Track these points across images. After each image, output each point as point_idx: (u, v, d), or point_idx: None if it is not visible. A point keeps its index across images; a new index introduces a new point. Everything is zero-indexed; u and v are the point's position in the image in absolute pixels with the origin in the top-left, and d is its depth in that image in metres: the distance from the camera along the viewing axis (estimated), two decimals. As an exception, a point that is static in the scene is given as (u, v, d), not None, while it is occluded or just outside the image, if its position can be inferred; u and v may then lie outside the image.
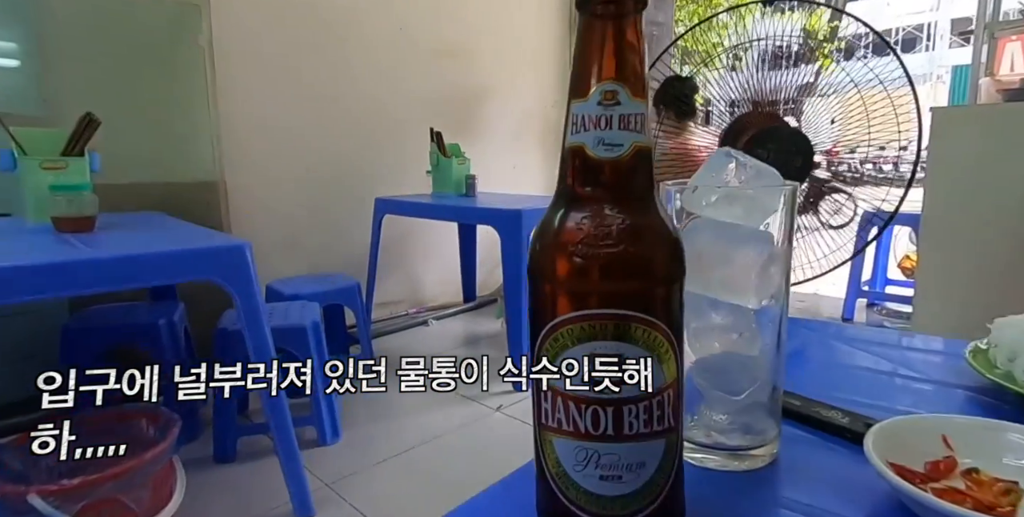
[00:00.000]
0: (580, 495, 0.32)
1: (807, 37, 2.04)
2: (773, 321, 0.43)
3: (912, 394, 0.59)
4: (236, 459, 1.67)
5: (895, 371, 0.63)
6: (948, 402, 0.56)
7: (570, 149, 0.32)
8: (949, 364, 0.63)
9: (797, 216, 1.64)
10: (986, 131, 2.05)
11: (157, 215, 1.93)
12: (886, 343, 0.72)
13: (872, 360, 0.66)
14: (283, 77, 2.57)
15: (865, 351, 0.69)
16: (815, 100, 1.90)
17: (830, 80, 1.82)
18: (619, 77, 0.30)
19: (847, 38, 1.86)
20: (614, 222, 0.30)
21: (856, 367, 0.65)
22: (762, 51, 1.94)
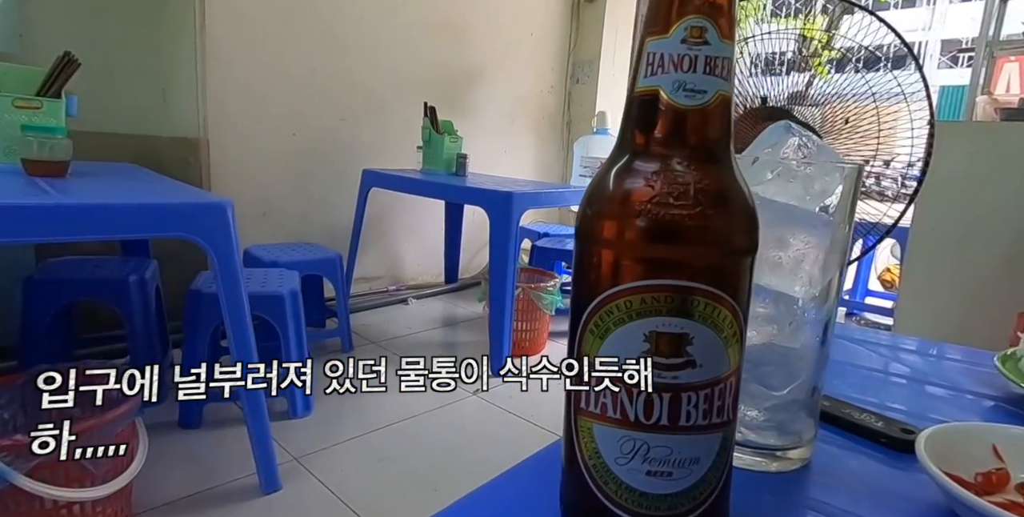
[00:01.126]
0: (621, 491, 0.28)
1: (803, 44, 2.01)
2: (821, 314, 0.39)
3: (933, 400, 0.56)
4: (202, 426, 1.61)
5: (917, 377, 0.61)
6: (971, 410, 0.53)
7: (641, 93, 0.27)
8: (973, 373, 0.61)
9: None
10: (981, 148, 2.06)
11: (134, 167, 1.84)
12: (904, 348, 0.70)
13: (891, 364, 0.64)
14: (274, 41, 2.48)
15: (881, 355, 0.66)
16: (805, 109, 1.87)
17: (821, 90, 1.80)
18: (709, 12, 0.26)
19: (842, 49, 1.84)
20: (690, 180, 0.26)
21: (877, 370, 0.62)
22: (754, 55, 1.91)
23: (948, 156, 2.08)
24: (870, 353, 0.67)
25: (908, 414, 0.50)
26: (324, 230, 2.73)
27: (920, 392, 0.58)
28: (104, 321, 1.87)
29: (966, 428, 0.40)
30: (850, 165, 0.38)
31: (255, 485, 1.37)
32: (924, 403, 0.55)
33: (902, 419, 0.45)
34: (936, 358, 0.67)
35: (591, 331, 0.27)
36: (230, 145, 2.38)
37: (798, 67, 1.91)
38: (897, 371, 0.62)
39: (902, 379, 0.60)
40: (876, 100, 1.58)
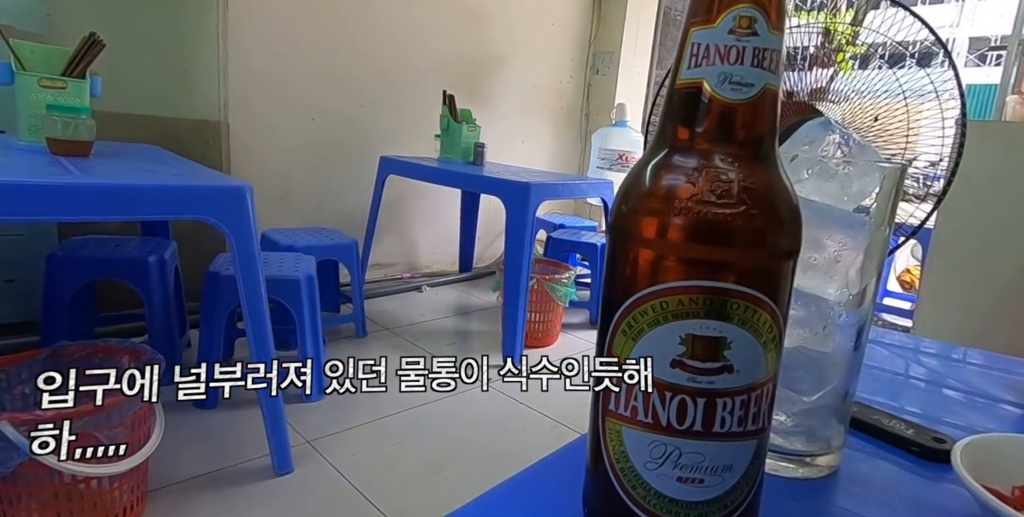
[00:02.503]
0: (649, 497, 0.27)
1: (826, 39, 1.96)
2: (855, 318, 0.38)
3: (964, 407, 0.55)
4: (218, 406, 1.63)
5: (944, 383, 0.59)
6: (1007, 420, 0.52)
7: (683, 85, 0.26)
8: (1005, 380, 0.59)
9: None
10: (1011, 149, 2.00)
11: (156, 149, 1.85)
12: (933, 353, 0.68)
13: (918, 369, 0.62)
14: (295, 26, 2.47)
15: (913, 361, 0.65)
16: (825, 105, 1.83)
17: (840, 87, 1.75)
18: (760, 1, 0.25)
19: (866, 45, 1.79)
20: (735, 178, 0.25)
21: (902, 374, 0.61)
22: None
23: (975, 157, 2.02)
24: (894, 356, 0.66)
25: (937, 421, 0.49)
26: (341, 216, 2.73)
27: (948, 399, 0.56)
28: (124, 300, 1.89)
29: (1004, 439, 0.39)
30: (892, 165, 0.36)
31: (268, 466, 1.38)
32: (953, 410, 0.54)
33: (930, 426, 0.44)
34: (963, 363, 0.65)
35: (623, 332, 0.26)
36: (250, 128, 2.39)
37: (820, 62, 1.87)
38: (923, 376, 0.60)
39: (929, 384, 0.59)
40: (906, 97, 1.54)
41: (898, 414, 0.46)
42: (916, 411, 0.50)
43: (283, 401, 1.35)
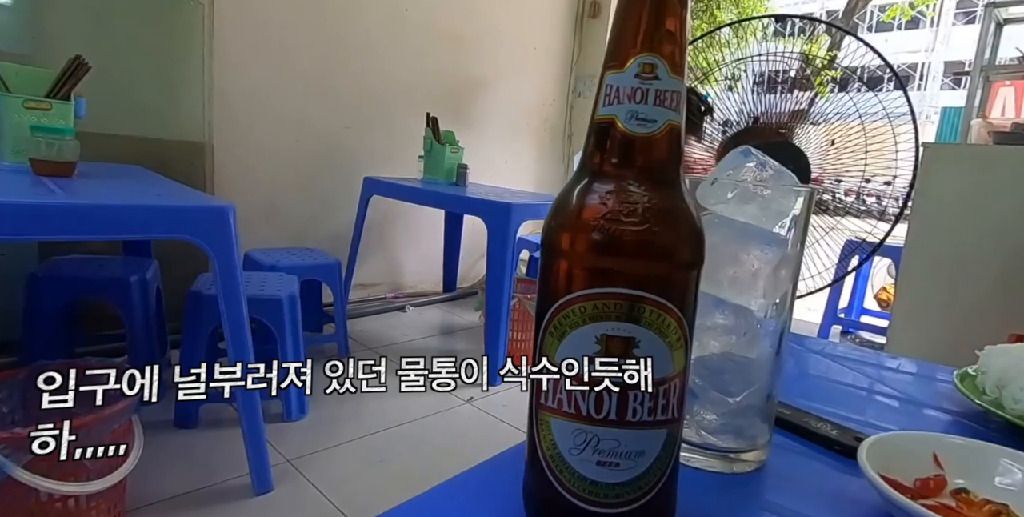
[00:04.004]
0: (574, 480, 0.30)
1: (805, 63, 2.05)
2: (775, 326, 0.42)
3: (896, 413, 0.59)
4: (197, 426, 1.63)
5: (879, 389, 0.63)
6: (932, 424, 0.56)
7: (599, 121, 0.30)
8: (932, 387, 0.64)
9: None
10: (974, 170, 2.09)
11: (139, 169, 1.88)
12: (869, 362, 0.72)
13: (855, 377, 0.66)
14: (280, 47, 2.53)
15: (849, 368, 0.69)
16: (807, 127, 1.91)
17: (824, 108, 1.83)
18: (659, 51, 0.29)
19: (845, 69, 1.87)
20: (640, 200, 0.29)
21: (840, 382, 0.65)
22: (757, 73, 1.95)
23: (943, 178, 2.12)
24: (843, 368, 0.70)
25: (869, 425, 0.52)
26: (325, 236, 2.76)
27: (879, 403, 0.60)
28: (105, 319, 1.89)
29: (908, 437, 0.42)
30: (804, 188, 0.41)
31: (247, 485, 1.39)
32: (881, 413, 0.58)
33: (858, 428, 0.48)
34: (897, 372, 0.69)
35: (550, 333, 0.30)
36: (235, 149, 2.42)
37: (800, 86, 1.93)
38: (859, 383, 0.64)
39: (864, 391, 0.63)
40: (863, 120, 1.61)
41: (829, 417, 0.50)
42: (847, 415, 0.54)
43: (263, 419, 1.36)
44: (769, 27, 1.97)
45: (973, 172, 2.09)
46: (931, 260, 2.16)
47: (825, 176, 1.96)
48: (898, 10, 12.93)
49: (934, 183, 2.12)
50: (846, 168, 1.59)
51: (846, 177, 1.85)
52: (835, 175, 1.89)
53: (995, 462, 0.39)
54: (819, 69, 2.08)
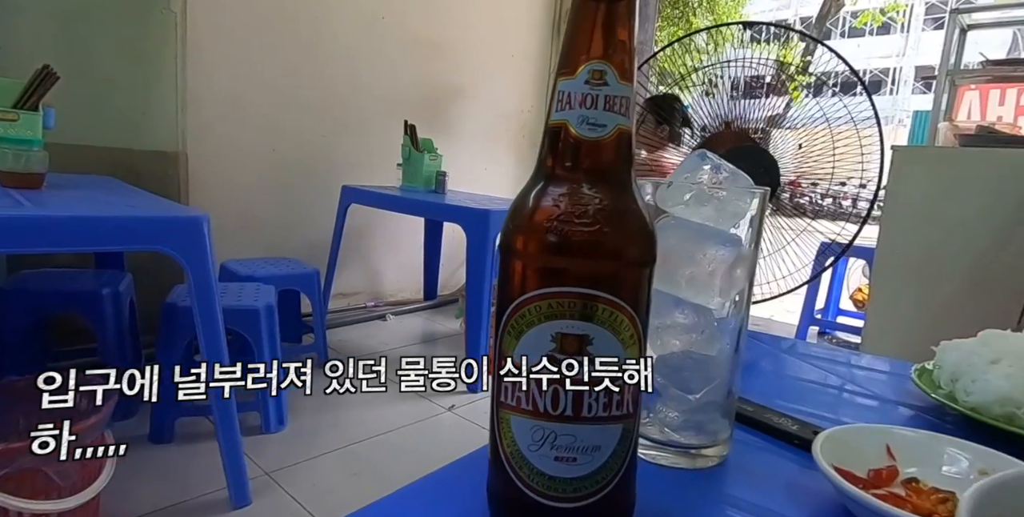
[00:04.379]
0: (533, 476, 0.31)
1: (780, 69, 2.10)
2: (733, 324, 0.43)
3: (860, 409, 0.60)
4: (173, 440, 1.61)
5: (844, 386, 0.65)
6: (893, 418, 0.57)
7: (553, 126, 0.31)
8: (896, 383, 0.65)
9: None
10: (941, 172, 2.15)
11: (111, 180, 1.85)
12: (836, 360, 0.74)
13: (824, 375, 0.68)
14: (255, 55, 2.52)
15: (816, 366, 0.71)
16: (783, 132, 1.95)
17: (797, 114, 1.87)
18: (608, 58, 0.30)
19: (819, 75, 1.92)
20: (591, 202, 0.30)
21: (807, 380, 0.66)
22: (734, 78, 1.99)
23: (911, 180, 2.17)
24: (810, 367, 0.71)
25: (831, 421, 0.54)
26: (303, 245, 2.74)
27: (848, 402, 0.62)
28: (76, 334, 1.86)
29: (863, 429, 0.44)
30: (758, 189, 0.42)
31: (225, 499, 1.37)
32: (850, 411, 0.59)
33: (819, 423, 0.49)
34: (869, 370, 0.71)
35: (508, 332, 0.31)
36: (210, 159, 2.40)
37: (776, 91, 1.97)
38: (830, 383, 0.66)
39: (833, 390, 0.64)
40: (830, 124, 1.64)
41: (793, 414, 0.51)
42: (812, 411, 0.55)
43: (241, 431, 1.35)
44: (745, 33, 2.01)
45: (940, 174, 2.14)
46: (902, 260, 2.21)
47: (802, 180, 2.00)
48: (869, 16, 13.28)
49: (904, 185, 2.18)
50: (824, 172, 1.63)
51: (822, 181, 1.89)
52: (812, 179, 1.93)
53: (943, 452, 0.41)
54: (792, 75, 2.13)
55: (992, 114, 3.14)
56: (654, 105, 2.05)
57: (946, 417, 0.56)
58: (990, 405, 0.49)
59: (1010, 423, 0.48)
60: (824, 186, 2.01)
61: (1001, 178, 2.03)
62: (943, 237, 2.12)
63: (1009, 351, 0.54)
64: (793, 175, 1.97)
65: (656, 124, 2.02)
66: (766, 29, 2.06)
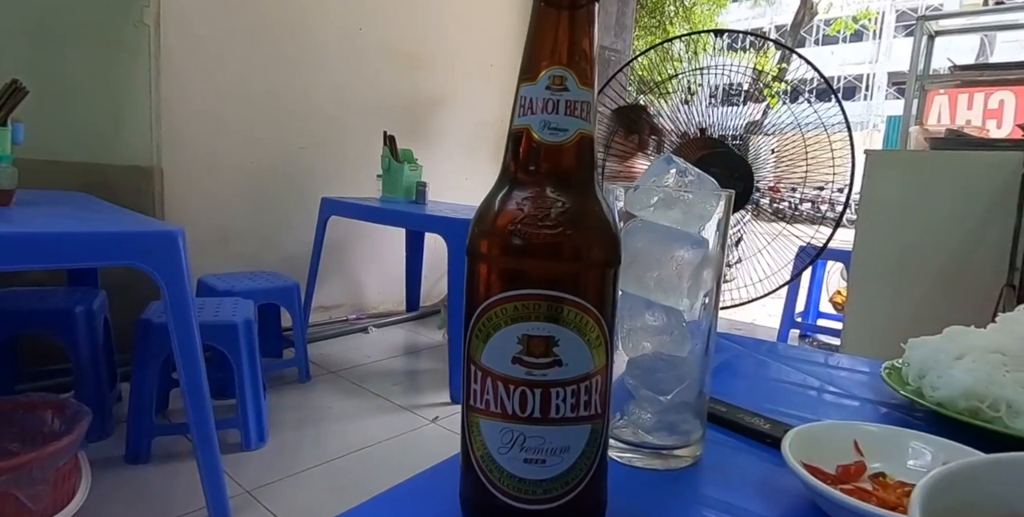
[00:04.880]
0: (504, 478, 0.31)
1: (757, 77, 2.14)
2: (703, 326, 0.44)
3: (832, 407, 0.61)
4: (150, 460, 1.57)
5: (818, 386, 0.66)
6: (865, 415, 0.58)
7: (515, 131, 0.32)
8: (868, 381, 0.66)
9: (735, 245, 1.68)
10: (913, 175, 2.20)
11: (84, 195, 1.83)
12: (811, 361, 0.75)
13: (797, 376, 0.69)
14: (231, 67, 2.51)
15: (791, 367, 0.72)
16: (760, 138, 1.99)
17: (775, 120, 1.92)
18: (569, 64, 0.31)
19: (794, 82, 1.97)
20: (554, 205, 0.30)
21: (782, 381, 0.67)
22: (713, 86, 2.03)
23: (885, 182, 2.22)
24: (786, 368, 0.72)
25: (804, 419, 0.54)
26: (283, 258, 2.72)
27: (821, 401, 0.63)
28: (49, 354, 1.82)
29: (830, 426, 0.45)
30: (723, 192, 0.43)
31: (203, 519, 1.34)
32: (822, 409, 0.60)
33: (790, 421, 0.50)
34: (842, 370, 0.72)
35: (476, 335, 0.31)
36: (186, 173, 2.38)
37: (753, 98, 2.02)
38: (804, 383, 0.67)
39: (807, 389, 0.65)
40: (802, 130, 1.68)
41: (766, 413, 0.52)
42: (785, 410, 0.56)
43: (220, 450, 1.32)
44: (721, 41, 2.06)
45: (913, 177, 2.20)
46: (878, 262, 2.26)
47: (781, 185, 2.04)
48: (842, 24, 13.62)
49: (878, 188, 2.23)
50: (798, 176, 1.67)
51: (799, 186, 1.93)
52: (790, 184, 1.98)
53: (908, 446, 0.42)
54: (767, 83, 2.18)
55: (961, 118, 3.22)
56: (622, 116, 2.08)
57: (915, 413, 0.57)
58: (955, 400, 0.50)
59: (974, 417, 0.49)
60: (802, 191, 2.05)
61: (971, 180, 2.08)
62: (917, 238, 2.17)
63: (973, 346, 0.55)
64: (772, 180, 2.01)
65: (626, 135, 2.04)
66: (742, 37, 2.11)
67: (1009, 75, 2.93)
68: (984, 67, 3.26)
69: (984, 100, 3.21)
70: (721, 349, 0.75)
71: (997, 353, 0.54)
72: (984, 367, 0.52)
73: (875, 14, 16.24)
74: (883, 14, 17.78)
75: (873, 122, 17.31)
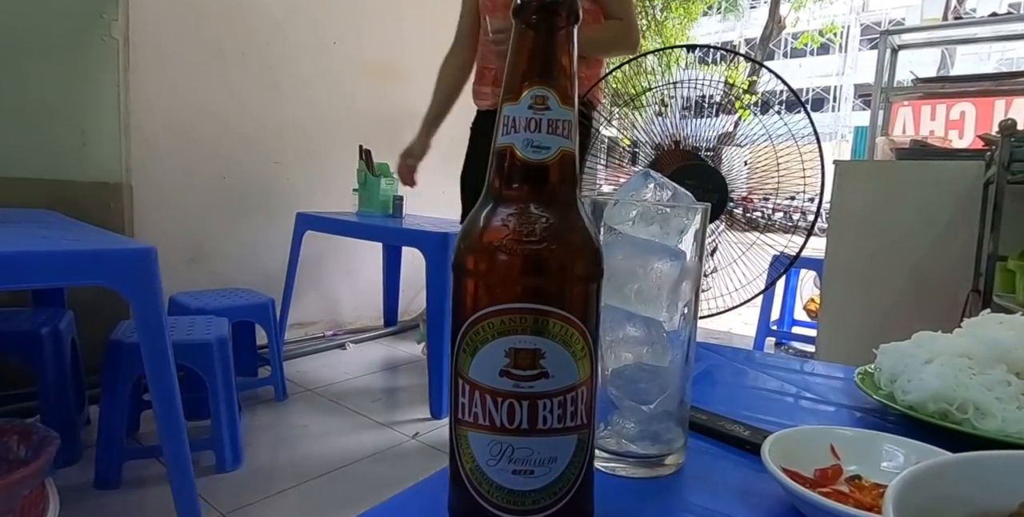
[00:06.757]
0: (492, 490, 0.31)
1: (728, 90, 2.20)
2: (683, 336, 0.45)
3: (809, 413, 0.63)
4: (120, 485, 1.52)
5: (795, 393, 0.67)
6: (840, 420, 0.60)
7: (500, 149, 0.33)
8: (842, 387, 0.68)
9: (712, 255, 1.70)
10: (880, 184, 2.27)
11: (50, 213, 1.78)
12: (787, 368, 0.77)
13: (775, 383, 0.70)
14: (202, 82, 2.49)
15: (768, 374, 0.73)
16: (732, 149, 2.04)
17: (746, 131, 1.96)
18: (550, 84, 0.32)
19: (764, 94, 2.02)
20: (538, 221, 0.31)
21: (760, 388, 0.69)
22: (685, 98, 2.07)
23: (854, 192, 2.29)
24: (762, 375, 0.74)
25: (782, 426, 0.56)
26: (257, 275, 2.68)
27: (797, 407, 0.64)
28: (13, 377, 1.76)
29: (808, 431, 0.46)
30: (699, 205, 0.44)
31: (177, 544, 1.30)
32: (799, 415, 0.61)
33: (769, 428, 0.51)
34: (817, 376, 0.74)
35: (464, 349, 0.32)
36: (156, 189, 2.34)
37: (725, 110, 2.06)
38: (781, 389, 0.68)
39: (784, 396, 0.67)
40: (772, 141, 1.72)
41: (745, 420, 0.53)
42: (764, 417, 0.57)
43: (194, 473, 1.29)
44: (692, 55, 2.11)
45: (880, 186, 2.27)
46: (849, 269, 2.32)
47: (753, 195, 2.09)
48: (808, 37, 14.05)
49: (846, 197, 2.29)
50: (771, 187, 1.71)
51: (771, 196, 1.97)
52: (763, 194, 2.02)
53: (881, 449, 0.43)
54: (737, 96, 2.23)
55: (925, 129, 3.33)
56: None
57: (888, 416, 0.59)
58: (925, 403, 0.52)
59: (944, 419, 0.51)
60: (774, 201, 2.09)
61: (936, 188, 2.16)
62: (886, 246, 2.23)
63: (940, 350, 0.57)
64: (745, 191, 2.05)
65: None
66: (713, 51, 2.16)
67: (969, 87, 3.05)
68: (945, 79, 3.39)
69: (946, 111, 3.33)
70: (700, 358, 0.76)
71: (964, 357, 0.56)
72: (952, 371, 0.53)
73: (840, 28, 16.79)
74: (848, 28, 18.42)
75: (841, 133, 17.82)
